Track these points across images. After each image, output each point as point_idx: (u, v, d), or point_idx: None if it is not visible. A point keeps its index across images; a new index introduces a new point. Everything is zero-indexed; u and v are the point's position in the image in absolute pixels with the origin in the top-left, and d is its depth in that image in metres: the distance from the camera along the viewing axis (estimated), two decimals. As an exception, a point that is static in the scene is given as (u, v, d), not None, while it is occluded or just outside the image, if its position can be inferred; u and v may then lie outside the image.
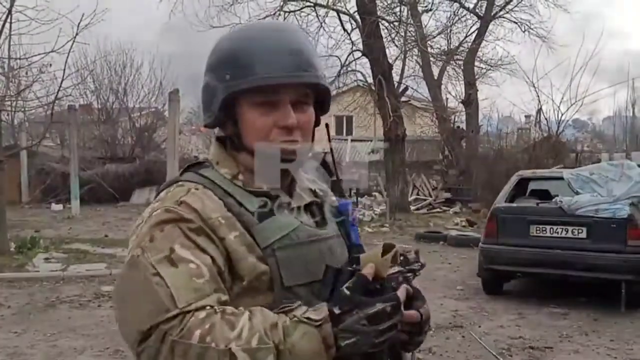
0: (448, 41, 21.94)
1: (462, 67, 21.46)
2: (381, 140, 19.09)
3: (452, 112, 23.65)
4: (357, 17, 17.33)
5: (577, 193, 7.06)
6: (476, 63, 21.66)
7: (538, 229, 7.00)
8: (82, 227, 14.27)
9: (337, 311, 1.06)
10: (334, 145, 1.63)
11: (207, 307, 1.08)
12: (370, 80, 18.21)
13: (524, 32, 21.17)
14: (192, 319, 1.06)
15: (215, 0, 17.13)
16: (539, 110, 19.91)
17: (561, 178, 7.46)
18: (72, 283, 8.11)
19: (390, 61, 17.87)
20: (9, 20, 9.86)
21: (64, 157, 20.56)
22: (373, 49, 16.79)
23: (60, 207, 18.45)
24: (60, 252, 10.04)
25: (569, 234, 6.84)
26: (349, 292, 1.09)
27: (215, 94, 1.25)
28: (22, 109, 13.00)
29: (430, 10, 20.89)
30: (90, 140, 23.30)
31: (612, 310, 6.64)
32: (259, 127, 1.23)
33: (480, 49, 21.52)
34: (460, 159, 20.54)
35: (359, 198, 16.70)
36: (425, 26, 20.85)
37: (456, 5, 21.48)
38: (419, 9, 20.06)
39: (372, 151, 23.17)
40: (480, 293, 7.59)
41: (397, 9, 18.68)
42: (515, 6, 21.17)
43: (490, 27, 21.37)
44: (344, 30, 18.33)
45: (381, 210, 16.43)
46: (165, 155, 16.24)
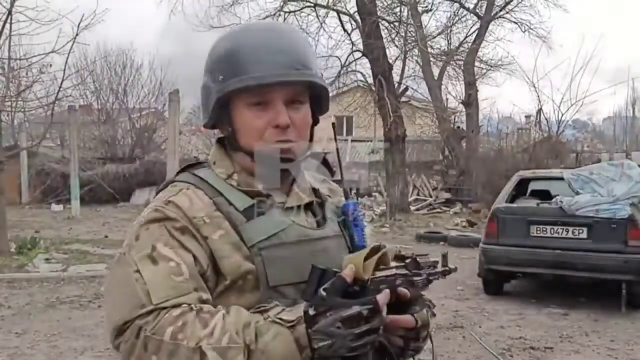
0: (448, 41, 21.95)
1: (462, 68, 21.43)
2: (381, 141, 19.10)
3: (452, 112, 23.64)
4: (357, 18, 17.33)
5: (577, 193, 7.05)
6: (476, 63, 21.63)
7: (538, 229, 7.00)
8: (82, 227, 14.27)
9: (312, 312, 1.03)
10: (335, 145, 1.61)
11: (183, 305, 1.09)
12: (370, 80, 18.21)
13: (524, 32, 21.17)
14: (166, 315, 1.07)
15: (215, 1, 17.16)
16: (539, 111, 19.94)
17: (561, 178, 7.45)
18: (72, 283, 8.11)
19: (390, 61, 17.87)
20: (9, 20, 9.86)
21: (64, 158, 20.56)
22: (373, 49, 16.79)
23: (60, 207, 18.47)
24: (60, 253, 10.03)
25: (570, 234, 6.84)
26: (325, 294, 1.05)
27: (210, 94, 1.27)
28: (22, 110, 13.00)
29: (430, 10, 20.90)
30: (90, 140, 23.30)
31: (612, 311, 6.64)
32: (252, 127, 1.23)
33: (480, 49, 21.52)
34: (460, 159, 20.53)
35: (359, 198, 16.69)
36: (426, 26, 20.85)
37: (456, 5, 21.47)
38: (419, 9, 20.05)
39: (372, 151, 23.17)
40: (481, 293, 7.60)
41: (397, 9, 18.68)
42: (515, 6, 21.16)
43: (490, 27, 21.37)
44: (344, 30, 18.36)
45: (381, 210, 16.43)
46: (165, 156, 16.26)
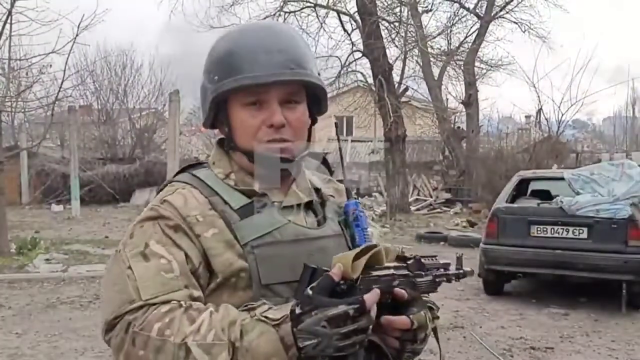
0: (448, 41, 21.95)
1: (462, 68, 21.43)
2: (381, 141, 19.10)
3: (453, 112, 23.65)
4: (358, 18, 17.33)
5: (577, 193, 7.05)
6: (476, 63, 21.64)
7: (539, 229, 6.99)
8: (82, 228, 14.27)
9: (298, 311, 1.02)
10: (336, 145, 1.61)
11: (173, 302, 1.09)
12: (370, 80, 18.20)
13: (524, 32, 21.18)
14: (154, 311, 1.08)
15: (215, 1, 17.17)
16: (539, 111, 19.94)
17: (562, 178, 7.44)
18: (72, 284, 8.10)
19: (390, 61, 17.87)
20: (9, 21, 9.86)
21: (64, 158, 20.57)
22: (373, 50, 16.79)
23: (60, 208, 18.48)
24: (60, 253, 10.02)
25: (570, 234, 6.84)
26: (311, 292, 1.03)
27: (207, 94, 1.28)
28: (23, 110, 13.01)
29: (430, 10, 20.90)
30: (90, 141, 23.29)
31: (613, 311, 6.64)
32: (247, 127, 1.24)
33: (480, 49, 21.53)
34: (460, 159, 20.54)
35: (359, 198, 16.69)
36: (426, 26, 20.85)
37: (456, 5, 21.49)
38: (419, 9, 20.05)
39: (373, 152, 23.17)
40: (481, 293, 7.59)
41: (397, 10, 18.67)
42: (516, 6, 21.17)
43: (490, 27, 21.38)
44: (344, 30, 18.36)
45: (381, 210, 16.43)
46: (165, 156, 16.28)
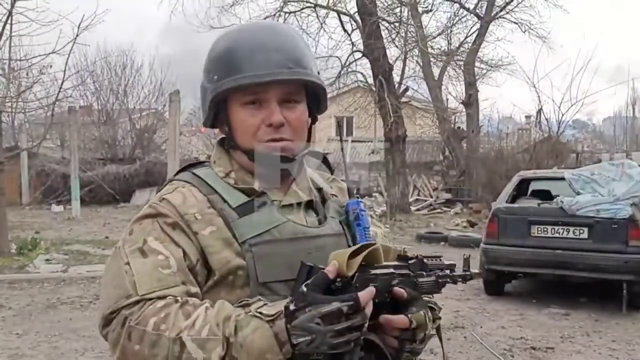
0: (448, 42, 21.95)
1: (462, 68, 21.43)
2: (381, 141, 19.09)
3: (453, 112, 23.65)
4: (358, 18, 17.33)
5: (578, 193, 7.05)
6: (476, 63, 21.64)
7: (539, 229, 6.99)
8: (82, 228, 14.27)
9: (292, 307, 1.02)
10: (336, 145, 1.60)
11: (169, 297, 1.10)
12: (370, 80, 18.20)
13: (524, 32, 21.19)
14: (150, 307, 1.09)
15: (215, 1, 17.18)
16: (539, 111, 19.94)
17: (562, 178, 7.44)
18: (72, 284, 8.10)
19: (390, 62, 17.87)
20: (9, 21, 9.86)
21: (64, 159, 20.58)
22: (373, 50, 16.79)
23: (60, 208, 18.48)
24: (60, 254, 10.02)
25: (570, 235, 6.83)
26: (305, 289, 1.03)
27: (206, 94, 1.28)
28: (23, 110, 13.00)
29: (431, 10, 20.91)
30: (90, 141, 23.30)
31: (613, 311, 6.64)
32: (247, 126, 1.25)
33: (480, 50, 21.53)
34: (460, 159, 20.54)
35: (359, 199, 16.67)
36: (426, 27, 20.85)
37: (456, 5, 21.49)
38: (419, 9, 20.05)
39: (373, 152, 23.17)
40: (482, 293, 7.58)
41: (398, 10, 18.67)
42: (516, 7, 21.18)
43: (490, 27, 21.39)
44: (345, 31, 18.36)
45: (382, 211, 16.42)
46: (166, 156, 16.28)
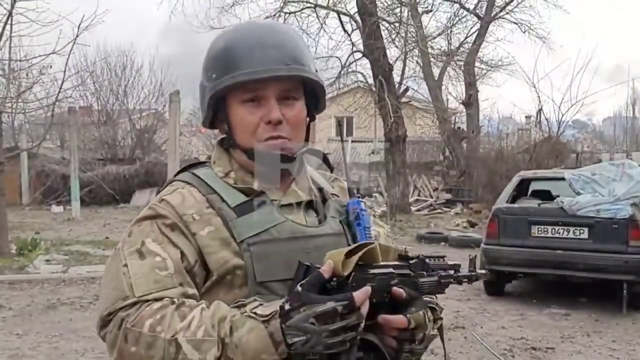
0: (448, 42, 21.97)
1: (462, 68, 21.45)
2: (382, 141, 19.08)
3: (453, 112, 23.64)
4: (358, 18, 17.33)
5: (578, 193, 7.04)
6: (476, 64, 21.65)
7: (539, 229, 6.99)
8: (82, 228, 14.26)
9: (287, 307, 1.02)
10: (336, 145, 1.60)
11: (165, 299, 1.10)
12: (370, 81, 18.20)
13: (524, 32, 21.20)
14: (146, 308, 1.09)
15: (215, 2, 17.18)
16: (540, 111, 19.94)
17: (562, 179, 7.43)
18: (73, 285, 8.10)
19: (390, 62, 17.86)
20: (9, 22, 9.87)
21: (64, 159, 20.56)
22: (373, 50, 16.79)
23: (60, 208, 18.47)
24: (60, 254, 10.02)
25: (571, 235, 6.83)
26: (300, 289, 1.03)
27: (205, 93, 1.28)
28: (23, 111, 12.99)
29: (431, 11, 20.94)
30: (90, 141, 23.28)
31: (613, 311, 6.64)
32: (246, 124, 1.24)
33: (480, 50, 21.54)
34: (461, 159, 20.54)
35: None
36: (426, 27, 20.88)
37: (456, 6, 21.51)
38: (419, 9, 20.07)
39: (373, 152, 23.17)
40: (482, 294, 7.58)
41: (398, 10, 18.68)
42: (515, 7, 21.20)
43: (490, 27, 21.39)
44: (345, 31, 18.35)
45: (382, 211, 16.42)
46: (166, 157, 16.27)
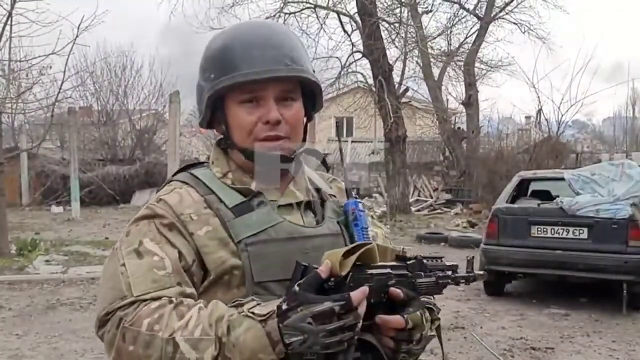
0: (448, 42, 21.98)
1: (462, 68, 21.46)
2: (382, 142, 19.08)
3: (453, 113, 23.66)
4: (358, 19, 17.33)
5: (578, 194, 7.05)
6: (476, 64, 21.67)
7: (539, 229, 6.99)
8: (82, 229, 14.25)
9: (285, 307, 1.02)
10: (336, 146, 1.61)
11: (163, 298, 1.10)
12: (370, 81, 18.20)
13: (523, 33, 21.21)
14: (144, 308, 1.09)
15: (215, 2, 17.17)
16: (539, 111, 19.95)
17: (562, 179, 7.44)
18: (72, 285, 8.10)
19: (390, 62, 17.86)
20: (9, 22, 9.87)
21: (64, 159, 20.56)
22: (373, 50, 16.79)
23: (60, 209, 18.46)
24: (60, 255, 10.03)
25: (570, 235, 6.83)
26: (297, 289, 1.03)
27: (203, 93, 1.28)
28: (23, 111, 13.01)
29: (431, 11, 20.94)
30: (90, 142, 23.28)
31: (613, 311, 6.64)
32: (244, 124, 1.25)
33: (480, 50, 21.56)
34: (460, 160, 20.54)
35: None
36: (426, 27, 20.88)
37: (456, 6, 21.51)
38: (419, 10, 20.07)
39: (373, 152, 23.17)
40: (482, 294, 7.58)
41: (398, 10, 18.69)
42: (515, 7, 21.21)
43: (490, 28, 21.41)
44: (344, 31, 18.35)
45: (382, 211, 16.42)
46: (166, 157, 16.27)
